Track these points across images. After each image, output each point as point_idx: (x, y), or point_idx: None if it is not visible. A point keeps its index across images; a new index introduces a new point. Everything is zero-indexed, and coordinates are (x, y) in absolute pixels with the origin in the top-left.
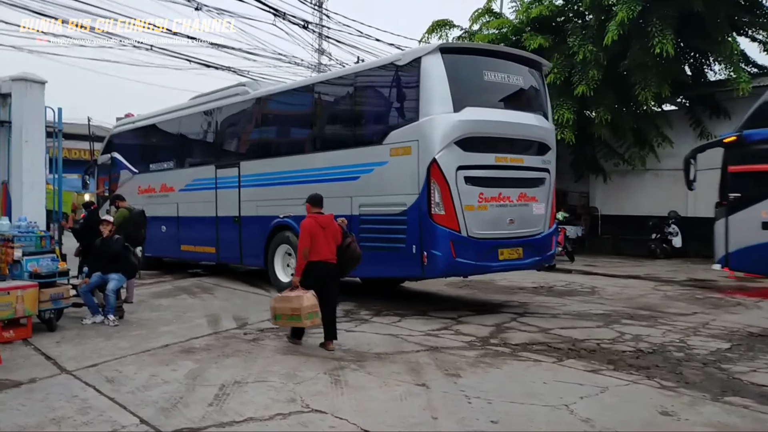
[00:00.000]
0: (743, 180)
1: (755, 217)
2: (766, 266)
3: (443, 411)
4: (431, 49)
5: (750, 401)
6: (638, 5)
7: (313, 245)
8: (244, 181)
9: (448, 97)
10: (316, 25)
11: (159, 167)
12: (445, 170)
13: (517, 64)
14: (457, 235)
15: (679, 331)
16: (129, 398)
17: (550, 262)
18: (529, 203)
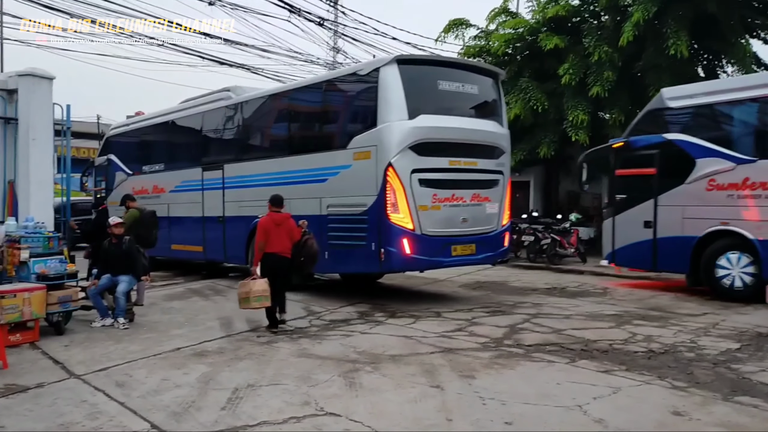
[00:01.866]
0: (629, 182)
1: (638, 217)
2: (647, 262)
3: (457, 412)
4: (389, 60)
5: (759, 401)
6: (654, 6)
7: (267, 240)
8: (228, 182)
9: (403, 105)
10: (332, 22)
11: (151, 169)
12: (400, 173)
13: (472, 74)
14: (411, 233)
15: (690, 332)
16: (139, 403)
17: (503, 257)
18: (482, 203)
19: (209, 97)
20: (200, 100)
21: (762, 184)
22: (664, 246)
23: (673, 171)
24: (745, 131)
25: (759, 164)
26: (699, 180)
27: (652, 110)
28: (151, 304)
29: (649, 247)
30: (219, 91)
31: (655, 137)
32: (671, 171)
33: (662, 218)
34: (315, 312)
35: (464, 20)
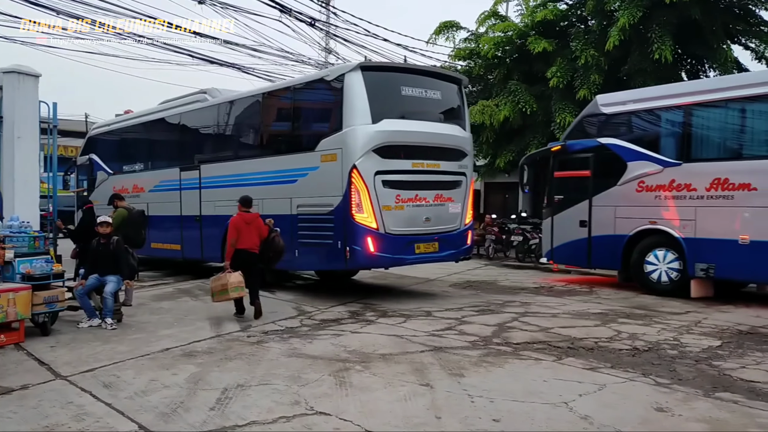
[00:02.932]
0: (566, 184)
1: (575, 217)
2: (582, 259)
3: (447, 410)
4: (353, 66)
5: (739, 397)
6: (639, 12)
7: (239, 237)
8: (204, 182)
9: (367, 109)
10: (323, 23)
11: (131, 168)
12: (364, 175)
13: (435, 80)
14: (375, 232)
15: (673, 330)
16: (127, 404)
17: (465, 254)
18: (445, 203)
19: (186, 99)
20: (178, 101)
21: (686, 185)
22: (598, 244)
23: (606, 173)
24: (671, 136)
25: (684, 167)
26: (630, 182)
27: (588, 116)
28: (139, 305)
29: (585, 246)
30: (196, 93)
31: (590, 141)
32: (605, 173)
33: (596, 218)
34: (306, 312)
35: (455, 23)
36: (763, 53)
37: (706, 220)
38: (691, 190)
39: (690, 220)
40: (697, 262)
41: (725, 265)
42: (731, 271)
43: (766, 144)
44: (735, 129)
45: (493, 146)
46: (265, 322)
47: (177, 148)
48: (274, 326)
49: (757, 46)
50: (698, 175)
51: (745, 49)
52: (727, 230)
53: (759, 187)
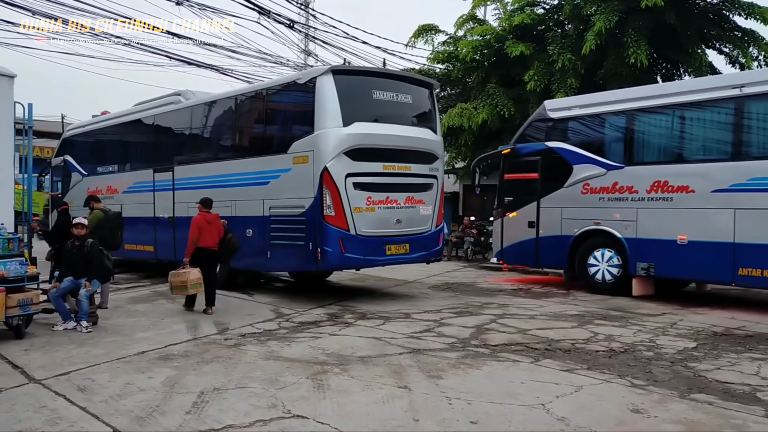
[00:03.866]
0: (515, 186)
1: (523, 218)
2: (531, 259)
3: (424, 413)
4: (324, 70)
5: (714, 398)
6: (615, 16)
7: (200, 235)
8: (178, 184)
9: (338, 113)
10: (302, 25)
11: (105, 170)
12: (335, 177)
13: (406, 84)
14: (346, 234)
15: (649, 331)
16: (102, 408)
17: (436, 256)
18: (416, 205)
19: (160, 101)
20: (151, 103)
21: (629, 188)
22: (545, 244)
23: (553, 176)
24: (614, 140)
25: (626, 170)
26: (575, 184)
27: (536, 120)
28: (115, 307)
29: (533, 246)
30: (170, 95)
31: (538, 145)
32: (552, 176)
33: (544, 219)
34: (284, 314)
35: (433, 26)
36: (737, 58)
37: (646, 221)
38: (632, 192)
39: (632, 221)
40: (639, 262)
41: (665, 265)
42: (670, 270)
43: (702, 148)
44: (674, 134)
45: (472, 149)
46: (242, 324)
47: (151, 149)
48: (252, 329)
49: (731, 51)
50: (639, 178)
51: (719, 54)
52: (667, 231)
53: (696, 189)
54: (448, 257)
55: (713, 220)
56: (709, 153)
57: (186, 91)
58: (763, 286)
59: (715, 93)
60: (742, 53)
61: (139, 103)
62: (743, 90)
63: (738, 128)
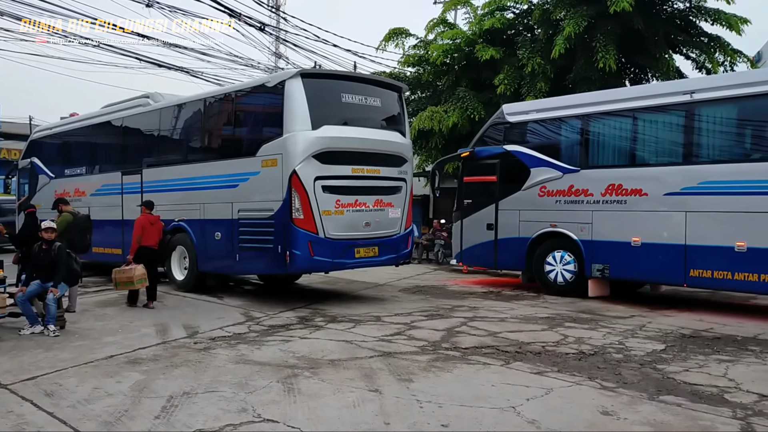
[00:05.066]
0: (474, 189)
1: (482, 220)
2: (489, 261)
3: (395, 416)
4: (293, 74)
5: (683, 399)
6: (584, 21)
7: (143, 235)
8: (146, 186)
9: (307, 116)
10: (273, 27)
11: (73, 172)
12: (304, 180)
13: (375, 88)
14: (314, 237)
15: (618, 334)
16: (69, 413)
17: (405, 258)
18: (385, 208)
19: (129, 103)
20: (120, 105)
21: (584, 191)
22: (503, 246)
23: (511, 179)
24: (570, 144)
25: (582, 173)
26: (532, 187)
27: (495, 123)
28: (83, 311)
29: (491, 248)
30: (138, 97)
31: (496, 148)
32: (510, 179)
33: (502, 221)
34: (254, 317)
35: (404, 30)
36: (703, 63)
37: (601, 224)
38: (588, 195)
39: (587, 224)
40: (594, 263)
41: (619, 266)
42: (624, 271)
43: (655, 152)
44: (627, 138)
45: (443, 152)
46: (212, 328)
47: (119, 152)
48: (222, 332)
49: (698, 56)
50: (594, 181)
51: (686, 59)
52: (621, 233)
53: (649, 192)
54: (419, 260)
55: (665, 223)
56: (662, 157)
57: (155, 93)
58: (713, 286)
59: (666, 98)
60: (708, 58)
61: (108, 106)
62: (693, 96)
63: (689, 133)
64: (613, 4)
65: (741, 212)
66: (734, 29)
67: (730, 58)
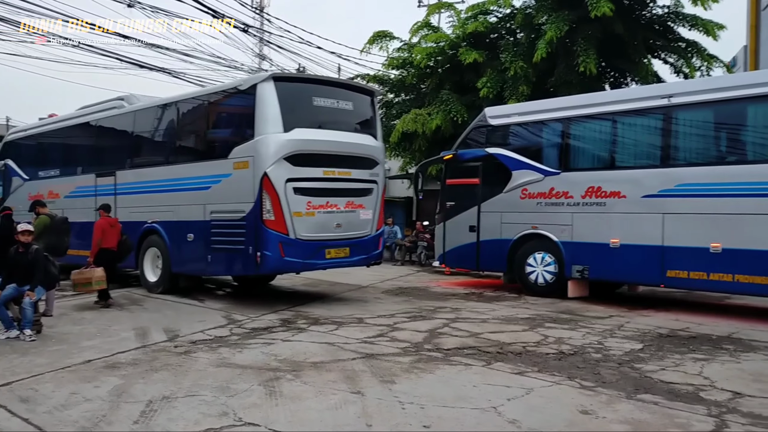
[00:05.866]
0: (457, 191)
1: (465, 222)
2: (472, 262)
3: (377, 418)
4: (265, 77)
5: (660, 398)
6: (565, 25)
7: (103, 238)
8: (120, 189)
9: (278, 119)
10: (257, 29)
11: (47, 174)
12: (275, 182)
13: (347, 92)
14: (285, 238)
15: (597, 334)
16: (46, 419)
17: (377, 259)
18: (356, 210)
19: (103, 105)
20: (95, 107)
21: (564, 193)
22: (485, 248)
23: (493, 181)
24: (551, 147)
25: (562, 176)
26: (514, 189)
27: (477, 126)
28: (60, 315)
29: (474, 250)
30: (113, 99)
31: (478, 151)
32: (492, 181)
33: (484, 223)
34: (236, 320)
35: (388, 33)
36: (680, 68)
37: (581, 225)
38: (568, 197)
39: (567, 225)
40: (574, 264)
41: (598, 267)
42: (603, 272)
43: (634, 155)
44: (607, 141)
45: (426, 154)
46: (193, 331)
47: (93, 154)
48: (203, 335)
49: (676, 61)
50: (575, 184)
51: (664, 63)
52: (600, 234)
53: (627, 195)
54: (402, 262)
55: (643, 225)
56: (640, 160)
57: (129, 95)
58: (690, 287)
59: (645, 102)
60: (685, 63)
61: (83, 107)
62: (671, 100)
63: (666, 136)
64: (594, 9)
65: (716, 214)
66: (711, 35)
67: (707, 63)
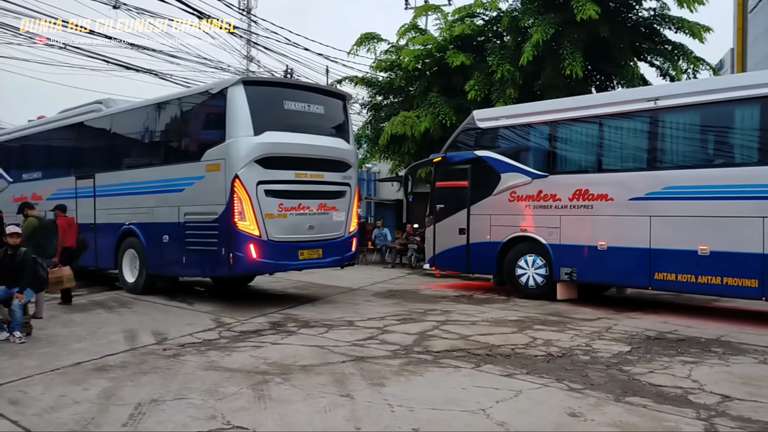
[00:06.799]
0: (446, 194)
1: (454, 225)
2: (462, 265)
3: (367, 420)
4: (235, 81)
5: (648, 401)
6: (551, 29)
7: (65, 237)
8: (99, 191)
9: (249, 122)
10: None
11: (30, 177)
12: (246, 184)
13: (319, 95)
14: (257, 239)
15: (585, 336)
16: (34, 421)
17: (350, 260)
18: (329, 212)
19: (82, 109)
20: (74, 111)
21: (552, 195)
22: (475, 250)
23: (482, 184)
24: (539, 150)
25: (550, 179)
26: (503, 192)
27: (466, 129)
28: (50, 317)
29: (464, 252)
30: (91, 103)
31: (467, 153)
32: (481, 184)
33: (474, 226)
34: (225, 323)
35: (375, 35)
36: (667, 70)
37: (569, 228)
38: (556, 200)
39: (555, 228)
40: (562, 267)
41: (586, 269)
42: (592, 274)
43: (620, 158)
44: (594, 144)
45: (415, 157)
46: (182, 334)
47: (73, 156)
48: (192, 338)
49: (662, 64)
50: (562, 187)
51: (650, 66)
52: (588, 237)
53: (615, 197)
54: (392, 264)
55: (630, 227)
56: (627, 163)
57: (107, 99)
58: (677, 289)
59: (631, 105)
60: (672, 66)
61: (63, 111)
62: (657, 103)
63: (653, 139)
64: (580, 12)
65: (704, 217)
66: (697, 37)
67: (693, 65)
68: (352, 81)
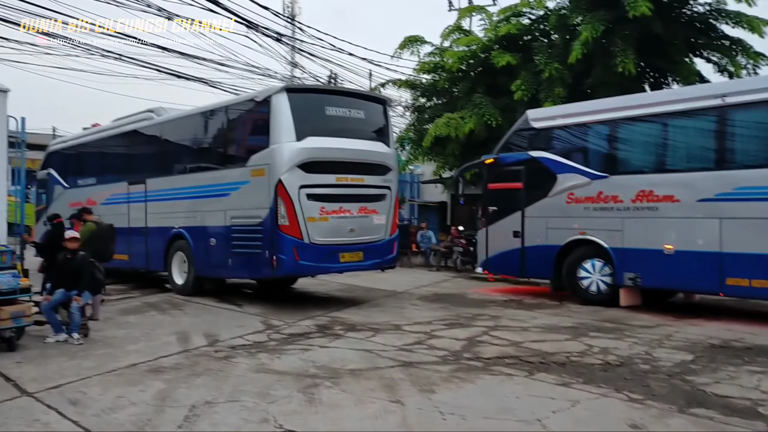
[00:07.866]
0: (499, 196)
1: (508, 227)
2: (516, 269)
3: (418, 428)
4: (278, 89)
5: (714, 413)
6: (601, 26)
7: None
8: (150, 196)
9: (291, 128)
10: (289, 38)
11: (85, 183)
12: (289, 188)
13: (359, 100)
14: (299, 242)
15: (645, 344)
16: (94, 421)
17: (390, 264)
18: (369, 215)
19: (134, 117)
20: (127, 119)
21: (613, 197)
22: (530, 254)
23: (537, 185)
24: (598, 150)
25: (610, 180)
26: (560, 193)
27: (519, 129)
28: (106, 319)
29: (518, 256)
30: (143, 111)
31: (521, 154)
32: (536, 185)
33: (529, 229)
34: (273, 326)
35: (419, 37)
36: (725, 66)
37: (632, 231)
38: (618, 201)
39: (617, 231)
40: (625, 271)
41: (652, 274)
42: (657, 279)
43: (687, 157)
44: (658, 143)
45: (459, 159)
46: (232, 336)
47: (125, 163)
48: (242, 341)
49: (719, 60)
50: (624, 188)
51: (707, 63)
52: (653, 240)
53: (682, 199)
54: (437, 268)
55: (700, 230)
56: (694, 162)
57: (158, 108)
58: (751, 295)
59: (697, 103)
60: (730, 62)
61: (117, 119)
62: (725, 99)
63: (722, 138)
64: (632, 9)
65: None
66: (756, 31)
67: (753, 61)
68: (395, 84)
